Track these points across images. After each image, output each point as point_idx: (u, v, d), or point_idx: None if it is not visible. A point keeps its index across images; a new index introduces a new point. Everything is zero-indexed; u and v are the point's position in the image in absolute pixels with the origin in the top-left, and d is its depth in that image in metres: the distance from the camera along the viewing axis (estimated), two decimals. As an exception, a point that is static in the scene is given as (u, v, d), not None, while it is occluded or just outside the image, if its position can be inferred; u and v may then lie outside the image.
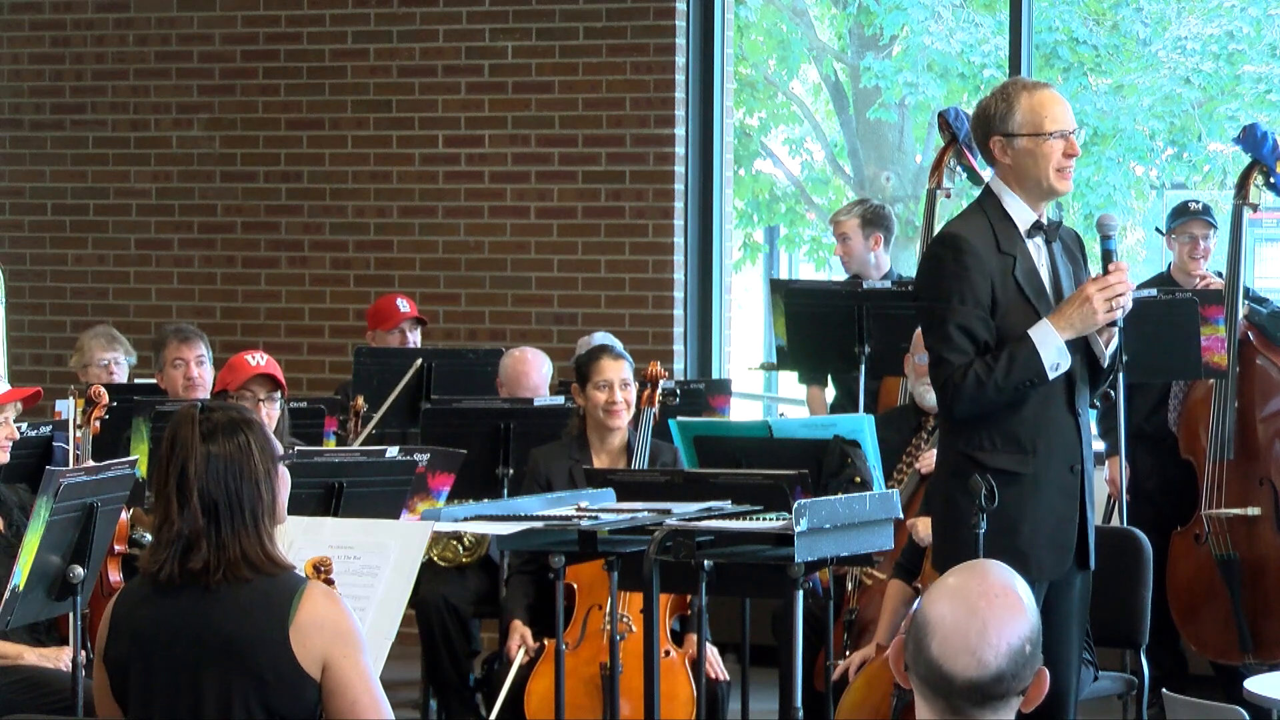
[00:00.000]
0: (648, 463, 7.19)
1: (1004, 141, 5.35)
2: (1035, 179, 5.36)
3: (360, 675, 4.03)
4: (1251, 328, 7.98)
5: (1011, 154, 5.36)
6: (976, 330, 5.30)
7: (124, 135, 10.36)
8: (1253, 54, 15.31)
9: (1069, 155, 5.36)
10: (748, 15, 16.24)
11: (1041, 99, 5.36)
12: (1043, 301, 5.35)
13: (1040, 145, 5.33)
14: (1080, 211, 16.29)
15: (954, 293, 5.30)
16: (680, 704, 6.64)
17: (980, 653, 3.09)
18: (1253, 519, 7.92)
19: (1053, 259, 5.44)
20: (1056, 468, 5.37)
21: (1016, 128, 5.34)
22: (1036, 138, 5.32)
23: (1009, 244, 5.36)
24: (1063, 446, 5.38)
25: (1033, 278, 5.37)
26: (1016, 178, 5.37)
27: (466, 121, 9.88)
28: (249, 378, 6.94)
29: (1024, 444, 5.34)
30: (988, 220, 5.38)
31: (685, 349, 9.69)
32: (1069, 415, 5.40)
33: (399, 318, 8.76)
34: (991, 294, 5.30)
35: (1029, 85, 5.41)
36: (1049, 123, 5.34)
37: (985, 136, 5.40)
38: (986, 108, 5.40)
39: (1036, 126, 5.33)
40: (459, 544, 7.68)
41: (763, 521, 5.08)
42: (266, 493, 4.06)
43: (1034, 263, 5.39)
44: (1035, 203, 5.42)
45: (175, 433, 4.07)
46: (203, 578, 4.01)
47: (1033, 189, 5.38)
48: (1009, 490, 5.28)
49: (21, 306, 10.45)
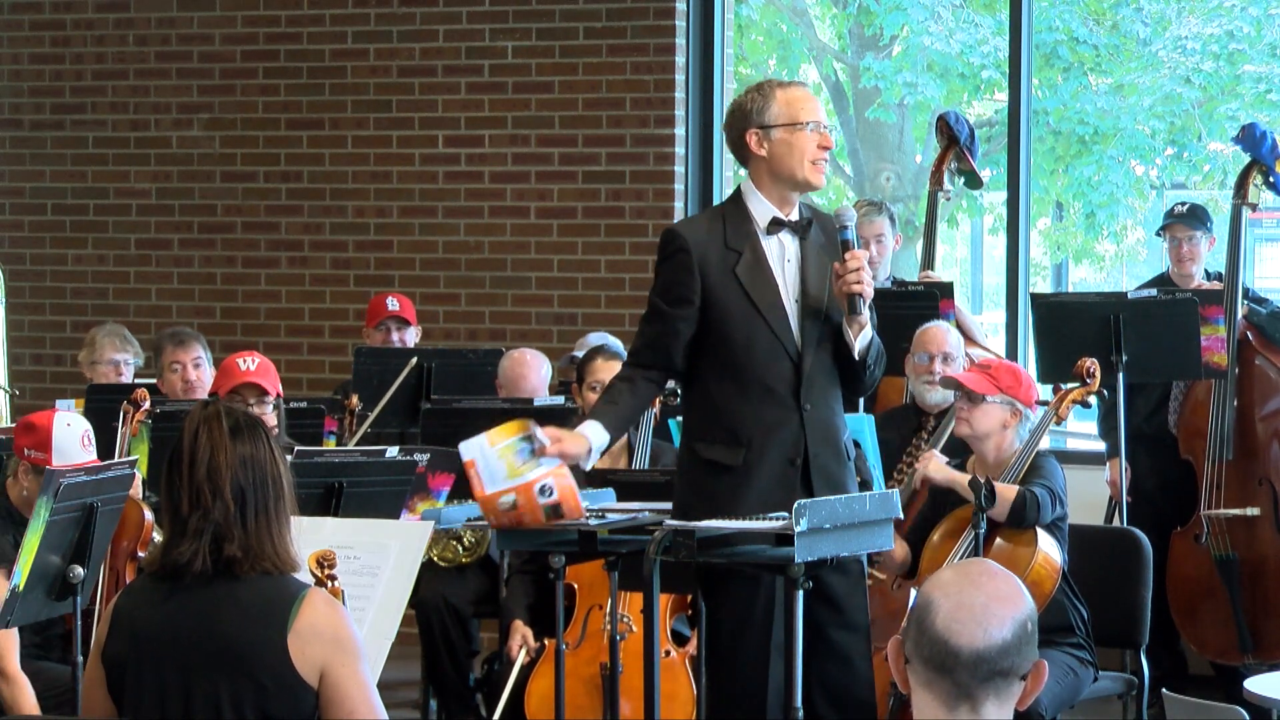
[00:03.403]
0: (648, 463, 7.19)
1: (760, 134, 5.47)
2: (790, 170, 5.46)
3: (358, 684, 4.03)
4: (1251, 328, 7.98)
5: (768, 146, 5.46)
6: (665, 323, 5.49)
7: (124, 135, 10.36)
8: (1253, 54, 15.30)
9: (823, 147, 5.48)
10: (748, 15, 16.23)
11: (796, 93, 5.50)
12: (766, 298, 5.44)
13: (795, 136, 5.44)
14: (1081, 211, 16.29)
15: (655, 286, 5.53)
16: (680, 704, 6.64)
17: (986, 623, 3.13)
18: (1252, 519, 7.92)
19: (803, 254, 5.50)
20: (773, 461, 5.43)
21: (773, 119, 5.45)
22: (792, 128, 5.44)
23: (738, 240, 5.46)
24: (781, 441, 5.44)
25: (757, 274, 5.45)
26: (770, 171, 5.48)
27: (466, 121, 9.88)
28: (237, 385, 6.95)
29: (740, 437, 5.43)
30: (722, 217, 5.52)
31: (685, 349, 9.67)
32: (793, 410, 5.44)
33: (383, 315, 8.77)
34: (700, 291, 5.43)
35: (783, 83, 5.56)
36: (804, 114, 5.46)
37: (741, 131, 5.50)
38: (742, 104, 5.52)
39: (792, 118, 5.45)
40: (459, 544, 7.68)
41: (763, 521, 5.09)
42: (286, 488, 4.09)
43: (766, 260, 5.46)
44: (783, 198, 5.51)
45: (199, 426, 4.07)
46: (235, 567, 4.01)
47: (785, 182, 5.49)
48: (721, 480, 5.42)
49: (21, 306, 10.45)
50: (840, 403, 5.59)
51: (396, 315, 8.77)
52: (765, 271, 5.46)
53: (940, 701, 3.15)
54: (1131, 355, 7.69)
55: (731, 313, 5.43)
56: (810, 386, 5.44)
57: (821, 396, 5.48)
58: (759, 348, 5.43)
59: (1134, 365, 7.71)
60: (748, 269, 5.44)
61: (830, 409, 5.51)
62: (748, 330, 5.43)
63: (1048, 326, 7.85)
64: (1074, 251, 17.03)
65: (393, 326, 8.77)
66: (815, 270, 5.49)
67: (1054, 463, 6.51)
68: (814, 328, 5.47)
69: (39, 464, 5.99)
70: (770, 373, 5.43)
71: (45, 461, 5.98)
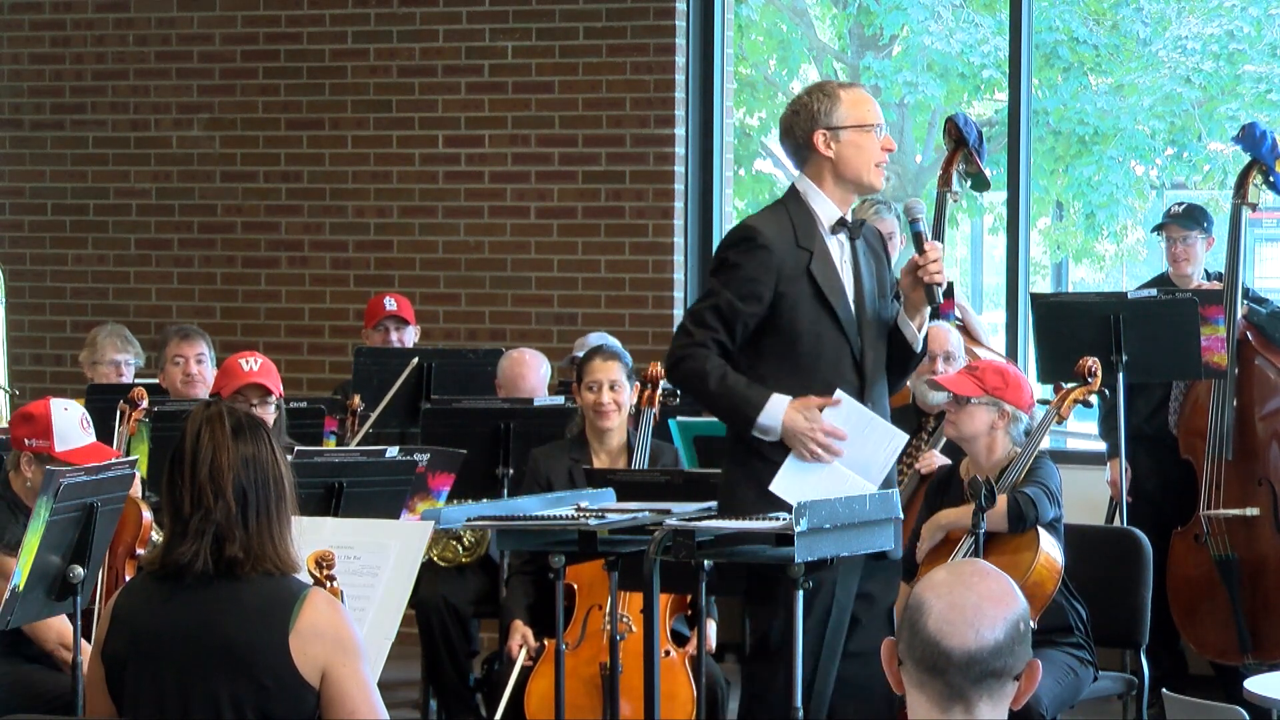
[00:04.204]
0: (648, 463, 7.19)
1: (828, 135, 5.49)
2: (856, 172, 5.51)
3: (359, 685, 4.03)
4: (1250, 328, 7.98)
5: (836, 147, 5.49)
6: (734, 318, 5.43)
7: (124, 135, 10.36)
8: (1253, 54, 15.30)
9: (886, 149, 5.55)
10: (748, 15, 16.23)
11: (860, 95, 5.55)
12: (837, 296, 5.47)
13: (864, 138, 5.49)
14: (1081, 211, 16.29)
15: (731, 278, 5.45)
16: (680, 704, 6.64)
17: (978, 625, 3.13)
18: (1252, 519, 7.92)
19: (855, 256, 5.55)
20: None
21: (841, 121, 5.48)
22: (861, 130, 5.48)
23: (807, 239, 5.48)
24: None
25: (828, 272, 5.48)
26: (835, 172, 5.51)
27: (466, 121, 9.88)
28: (241, 385, 6.94)
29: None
30: (789, 215, 5.51)
31: (685, 349, 9.67)
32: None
33: (381, 315, 8.78)
34: (776, 288, 5.43)
35: (844, 84, 5.60)
36: (871, 116, 5.52)
37: (809, 132, 5.51)
38: (807, 105, 5.53)
39: (860, 120, 5.49)
40: (459, 544, 7.68)
41: (763, 521, 5.08)
42: (288, 488, 4.09)
43: (833, 259, 5.50)
44: (844, 199, 5.55)
45: (201, 426, 4.07)
46: (237, 567, 4.01)
47: (849, 184, 5.53)
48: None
49: (21, 306, 10.45)
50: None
51: (395, 315, 8.77)
52: (834, 271, 5.51)
53: (933, 703, 3.15)
54: (1131, 355, 7.69)
55: (803, 311, 5.46)
56: (871, 385, 5.53)
57: (879, 394, 5.57)
58: (826, 347, 5.48)
59: (1134, 365, 7.71)
60: (820, 268, 5.48)
61: (883, 407, 5.59)
62: (817, 329, 5.47)
63: (1048, 326, 7.85)
64: (1074, 251, 17.04)
65: (391, 326, 8.78)
66: (866, 270, 5.56)
67: (1050, 464, 6.50)
68: (871, 327, 5.54)
69: (42, 452, 6.00)
70: (835, 371, 5.48)
71: (48, 449, 5.98)
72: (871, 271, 5.57)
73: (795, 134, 5.55)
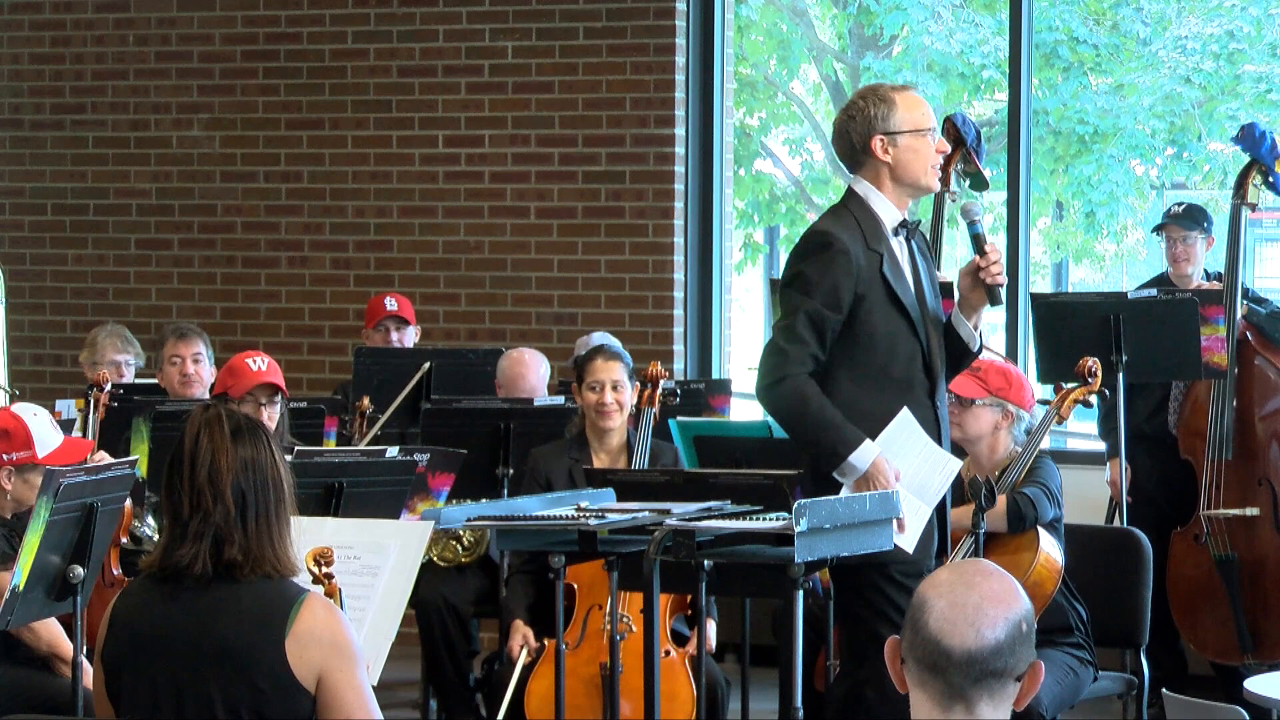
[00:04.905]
0: (648, 463, 7.19)
1: (886, 140, 5.51)
2: (914, 176, 5.54)
3: (355, 689, 4.02)
4: (1250, 328, 7.98)
5: (893, 152, 5.52)
6: (824, 326, 5.43)
7: (124, 135, 10.36)
8: (1253, 53, 15.30)
9: (940, 152, 5.59)
10: (748, 15, 16.23)
11: (914, 99, 5.58)
12: (908, 297, 5.51)
13: (921, 142, 5.52)
14: (1081, 210, 16.29)
15: (815, 286, 5.43)
16: (680, 704, 6.64)
17: (979, 624, 3.13)
18: (1251, 519, 7.92)
19: (913, 256, 5.60)
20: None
21: (898, 125, 5.51)
22: (918, 134, 5.52)
23: (876, 241, 5.51)
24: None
25: (898, 274, 5.52)
26: (893, 176, 5.54)
27: (466, 121, 9.88)
28: (253, 385, 6.93)
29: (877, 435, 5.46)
30: (855, 219, 5.53)
31: (685, 349, 9.69)
32: (929, 409, 5.56)
33: (381, 315, 8.78)
34: (855, 291, 5.44)
35: (896, 87, 5.62)
36: (927, 120, 5.55)
37: (867, 137, 5.53)
38: (864, 110, 5.54)
39: (917, 124, 5.53)
40: (459, 544, 7.68)
41: (763, 521, 5.08)
42: (287, 491, 4.08)
43: (899, 260, 5.54)
44: (902, 201, 5.59)
45: (200, 429, 4.06)
46: (235, 570, 4.01)
47: (908, 187, 5.56)
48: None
49: (21, 306, 10.45)
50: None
51: (395, 315, 8.78)
52: (902, 272, 5.54)
53: (934, 702, 3.15)
54: (1131, 355, 7.69)
55: (878, 314, 5.48)
56: (938, 384, 5.58)
57: (943, 393, 5.64)
58: (901, 348, 5.51)
59: (1134, 365, 7.71)
60: (892, 270, 5.51)
61: (943, 408, 5.64)
62: (892, 331, 5.50)
63: (1048, 326, 7.85)
64: (1074, 251, 17.04)
65: (391, 326, 8.78)
66: (924, 271, 5.61)
67: (1050, 464, 6.51)
68: (934, 328, 5.59)
69: (26, 463, 5.97)
70: (909, 373, 5.52)
71: (31, 459, 5.97)
72: (927, 272, 5.63)
73: (852, 139, 5.57)
